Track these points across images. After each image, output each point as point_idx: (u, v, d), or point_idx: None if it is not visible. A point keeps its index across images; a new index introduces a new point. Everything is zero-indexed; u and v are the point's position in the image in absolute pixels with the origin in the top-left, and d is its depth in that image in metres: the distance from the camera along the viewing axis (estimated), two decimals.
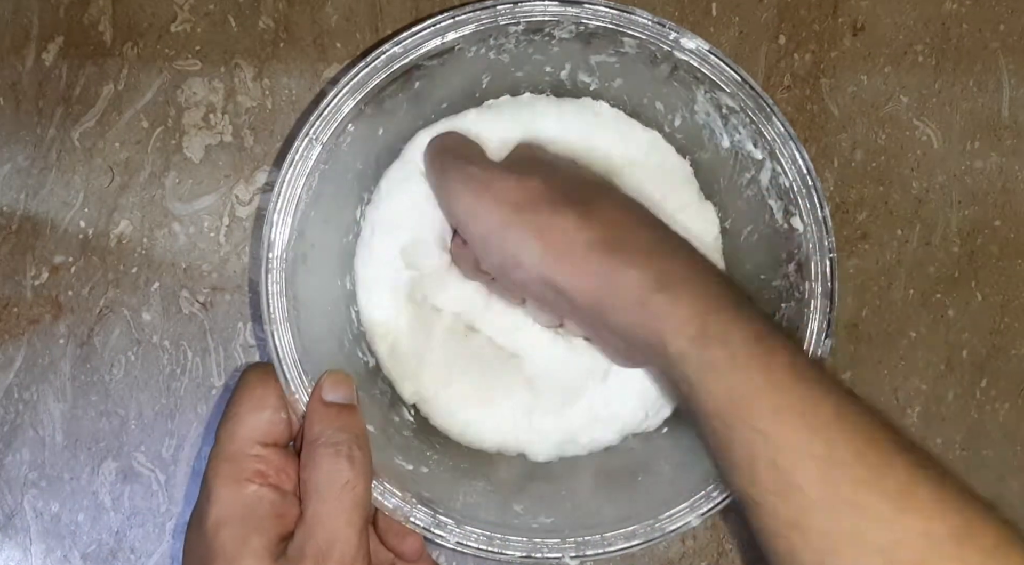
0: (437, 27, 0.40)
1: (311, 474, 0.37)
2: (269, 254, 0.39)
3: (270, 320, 0.39)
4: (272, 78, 0.50)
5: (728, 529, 0.50)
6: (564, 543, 0.40)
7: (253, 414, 0.38)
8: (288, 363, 0.39)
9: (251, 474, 0.37)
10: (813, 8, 0.52)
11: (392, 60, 0.40)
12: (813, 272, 0.41)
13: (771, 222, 0.42)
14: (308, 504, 0.36)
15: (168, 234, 0.50)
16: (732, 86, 0.41)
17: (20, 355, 0.49)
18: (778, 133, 0.41)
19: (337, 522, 0.36)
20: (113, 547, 0.49)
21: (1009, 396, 0.52)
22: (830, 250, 0.41)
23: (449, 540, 0.40)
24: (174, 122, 0.50)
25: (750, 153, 0.42)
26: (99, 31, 0.50)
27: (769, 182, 0.42)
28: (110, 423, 0.49)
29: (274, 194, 0.39)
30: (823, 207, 0.41)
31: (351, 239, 0.45)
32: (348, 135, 0.40)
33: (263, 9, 0.50)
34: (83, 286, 0.49)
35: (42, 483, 0.49)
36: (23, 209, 0.49)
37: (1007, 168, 0.52)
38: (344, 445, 0.37)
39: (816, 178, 0.41)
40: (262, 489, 0.36)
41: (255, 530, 0.35)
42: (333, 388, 0.39)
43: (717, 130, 0.43)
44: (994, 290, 0.52)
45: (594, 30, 0.41)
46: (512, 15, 0.40)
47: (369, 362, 0.46)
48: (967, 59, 0.52)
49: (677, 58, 0.41)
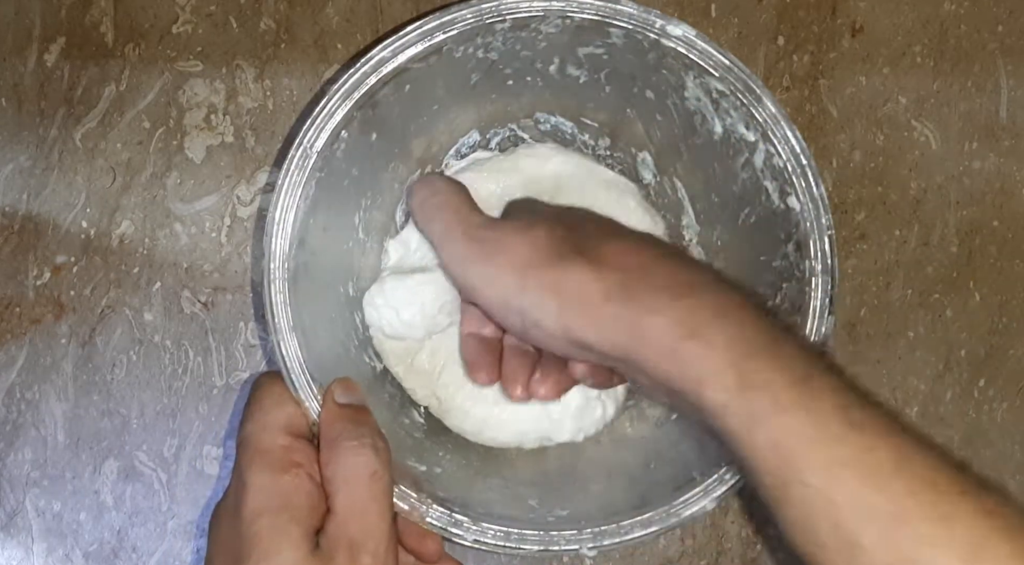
0: (423, 29, 0.40)
1: (336, 468, 0.36)
2: (271, 265, 0.39)
3: (276, 330, 0.39)
4: (273, 79, 0.50)
5: (727, 529, 0.51)
6: (580, 534, 0.40)
7: (279, 407, 0.38)
8: (296, 371, 0.39)
9: (287, 463, 0.36)
10: (812, 9, 0.52)
11: (381, 64, 0.40)
12: (812, 250, 0.41)
13: (767, 203, 0.42)
14: (337, 497, 0.36)
15: (170, 234, 0.50)
16: (721, 70, 0.41)
17: (22, 355, 0.49)
18: (769, 114, 0.41)
19: (369, 513, 0.36)
20: (115, 546, 0.49)
21: (1007, 396, 0.52)
22: (828, 227, 0.41)
23: (466, 538, 0.40)
24: (176, 123, 0.50)
25: (743, 136, 0.42)
26: (101, 32, 0.50)
27: (763, 163, 0.42)
28: (112, 422, 0.49)
29: (272, 205, 0.39)
30: (818, 185, 0.41)
31: (351, 246, 0.45)
32: (342, 142, 0.40)
33: (264, 10, 0.50)
34: (85, 286, 0.49)
35: (44, 482, 0.49)
36: (25, 209, 0.50)
37: (1005, 169, 0.52)
38: (367, 437, 0.37)
39: (810, 156, 0.41)
40: (298, 478, 0.36)
41: (293, 520, 0.35)
42: (344, 392, 0.39)
43: (709, 115, 0.43)
44: (992, 290, 0.52)
45: (580, 23, 0.41)
46: (498, 12, 0.40)
47: (376, 367, 0.46)
48: (965, 60, 0.53)
49: (664, 46, 0.41)
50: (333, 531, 0.35)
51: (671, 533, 0.50)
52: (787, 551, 0.34)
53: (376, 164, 0.45)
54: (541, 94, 0.47)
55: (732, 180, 0.44)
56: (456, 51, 0.41)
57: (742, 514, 0.51)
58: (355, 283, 0.45)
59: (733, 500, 0.50)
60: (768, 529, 0.50)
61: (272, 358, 0.43)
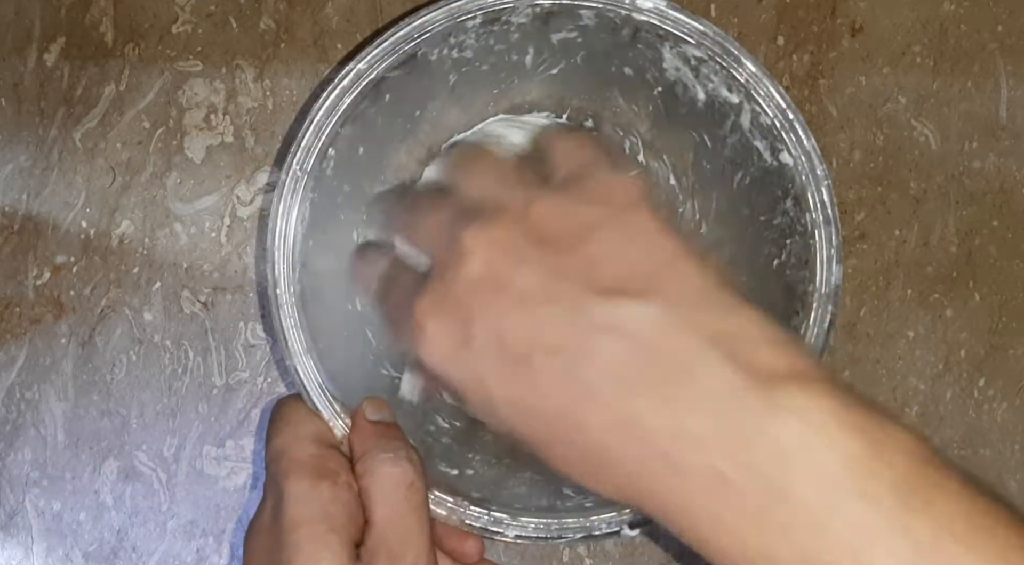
0: (396, 37, 0.40)
1: (373, 479, 0.36)
2: (276, 290, 0.39)
3: (291, 354, 0.39)
4: (273, 79, 0.50)
5: None
6: (621, 515, 0.40)
7: (307, 421, 0.38)
8: (316, 392, 0.39)
9: (324, 471, 0.36)
10: (812, 9, 0.52)
11: (360, 77, 0.40)
12: (811, 203, 0.41)
13: (760, 162, 0.42)
14: (375, 509, 0.36)
15: (169, 234, 0.50)
16: (696, 36, 0.40)
17: (22, 355, 0.49)
18: (750, 74, 0.41)
19: (408, 524, 0.36)
20: (115, 546, 0.49)
21: (1007, 396, 0.52)
22: (824, 177, 0.41)
23: (508, 534, 0.40)
24: (175, 123, 0.50)
25: (726, 99, 0.42)
26: (100, 32, 0.50)
27: (751, 123, 0.42)
28: (112, 422, 0.49)
29: (269, 230, 0.39)
30: (809, 137, 0.41)
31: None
32: (330, 160, 0.40)
33: (264, 10, 0.51)
34: (85, 286, 0.49)
35: (44, 482, 0.49)
36: (25, 209, 0.50)
37: (1005, 168, 0.52)
38: (402, 450, 0.37)
39: (796, 111, 0.41)
40: (336, 487, 0.36)
41: (332, 529, 0.35)
42: (374, 410, 0.39)
43: (689, 83, 0.43)
44: (992, 290, 0.52)
45: (550, 9, 0.41)
46: (467, 10, 0.40)
47: (395, 380, 0.46)
48: (965, 60, 0.53)
49: (636, 20, 0.41)
50: (372, 542, 0.35)
51: (671, 533, 0.50)
52: None
53: (367, 178, 0.45)
54: (520, 87, 0.46)
55: (722, 145, 0.44)
56: (431, 54, 0.41)
57: None
58: (361, 298, 0.45)
59: None
60: None
61: (289, 379, 0.43)
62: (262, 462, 0.44)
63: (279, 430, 0.38)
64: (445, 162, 0.44)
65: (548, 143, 0.39)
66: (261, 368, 0.50)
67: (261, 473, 0.49)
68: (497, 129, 0.47)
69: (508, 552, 0.50)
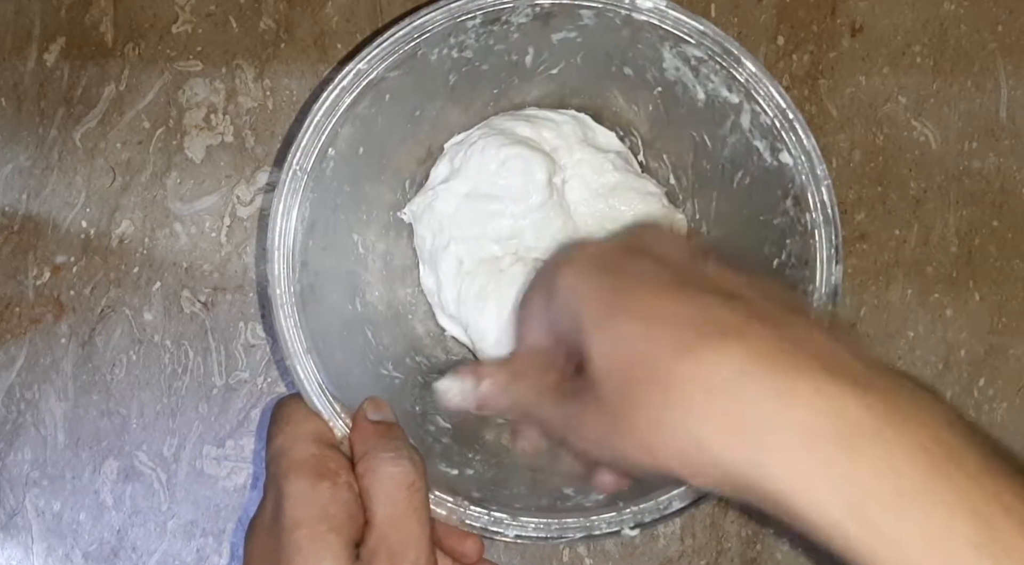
0: (396, 37, 0.40)
1: (374, 479, 0.36)
2: (276, 290, 0.39)
3: (291, 354, 0.39)
4: (273, 79, 0.50)
5: (727, 528, 0.51)
6: (621, 515, 0.40)
7: (307, 420, 0.38)
8: (316, 392, 0.39)
9: (323, 471, 0.36)
10: (812, 9, 0.52)
11: (360, 77, 0.40)
12: (811, 202, 0.41)
13: (760, 162, 0.42)
14: (376, 509, 0.36)
15: (169, 234, 0.50)
16: (696, 36, 0.41)
17: (22, 354, 0.49)
18: (750, 74, 0.41)
19: (409, 524, 0.36)
20: (115, 546, 0.49)
21: (1007, 396, 0.52)
22: (824, 177, 0.41)
23: (508, 534, 0.40)
24: (175, 122, 0.50)
25: (726, 99, 0.42)
26: (100, 32, 0.50)
27: (750, 123, 0.42)
28: (111, 422, 0.49)
29: (269, 230, 0.39)
30: (808, 137, 0.41)
31: (352, 262, 0.45)
32: (330, 160, 0.40)
33: (264, 10, 0.51)
34: (85, 286, 0.49)
35: (44, 482, 0.49)
36: (25, 209, 0.50)
37: (1004, 168, 0.52)
38: (403, 450, 0.37)
39: (796, 111, 0.41)
40: (335, 488, 0.36)
41: (332, 529, 0.35)
42: (375, 410, 0.39)
43: (689, 83, 0.43)
44: (992, 290, 0.52)
45: (550, 9, 0.41)
46: (467, 10, 0.40)
47: (395, 379, 0.46)
48: (965, 60, 0.53)
49: (636, 20, 0.41)
50: (373, 542, 0.35)
51: (671, 533, 0.50)
52: (787, 551, 0.33)
53: (366, 178, 0.45)
54: (520, 86, 0.47)
55: (722, 145, 0.44)
56: (431, 54, 0.41)
57: (742, 514, 0.51)
58: (361, 299, 0.45)
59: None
60: (768, 529, 0.50)
61: (289, 379, 0.43)
62: (262, 462, 0.44)
63: (279, 430, 0.38)
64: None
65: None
66: (261, 368, 0.50)
67: (261, 473, 0.49)
68: (503, 123, 0.47)
69: (508, 552, 0.50)
